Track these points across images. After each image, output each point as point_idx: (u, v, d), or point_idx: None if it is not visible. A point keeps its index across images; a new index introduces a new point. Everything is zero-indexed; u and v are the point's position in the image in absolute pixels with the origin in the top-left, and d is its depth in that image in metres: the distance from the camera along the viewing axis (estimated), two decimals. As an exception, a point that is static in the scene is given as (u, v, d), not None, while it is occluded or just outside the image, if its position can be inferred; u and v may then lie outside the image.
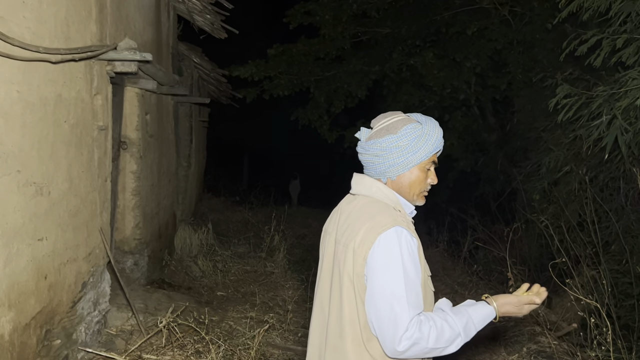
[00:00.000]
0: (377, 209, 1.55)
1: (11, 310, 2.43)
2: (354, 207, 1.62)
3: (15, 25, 2.41)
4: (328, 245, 1.67)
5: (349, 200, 1.69)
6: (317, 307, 1.70)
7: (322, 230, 1.77)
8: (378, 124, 1.66)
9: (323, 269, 1.68)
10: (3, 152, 2.33)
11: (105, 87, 3.81)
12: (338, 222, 1.66)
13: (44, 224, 2.78)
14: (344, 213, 1.65)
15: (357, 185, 1.68)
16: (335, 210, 1.75)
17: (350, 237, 1.54)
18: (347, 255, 1.53)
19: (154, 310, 4.48)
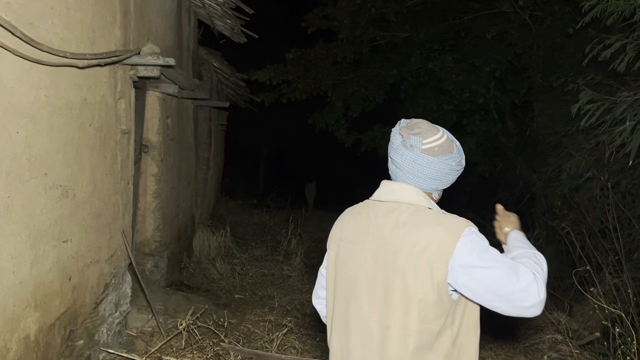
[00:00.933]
0: (436, 215, 1.52)
1: (37, 311, 2.48)
2: (401, 216, 1.53)
3: (44, 31, 2.46)
4: (357, 255, 1.57)
5: (389, 209, 1.56)
6: (353, 324, 1.57)
7: (336, 237, 1.68)
8: (431, 138, 1.56)
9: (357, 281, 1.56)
10: (31, 155, 2.37)
11: (129, 92, 3.87)
12: (373, 231, 1.56)
13: (68, 226, 2.83)
14: (386, 222, 1.54)
15: (396, 193, 1.59)
16: (360, 218, 1.62)
17: (414, 247, 1.47)
18: (417, 266, 1.46)
19: (173, 312, 4.52)
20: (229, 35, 7.06)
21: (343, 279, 1.61)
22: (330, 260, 1.69)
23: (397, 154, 1.58)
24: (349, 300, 1.58)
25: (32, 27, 2.35)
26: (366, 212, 1.62)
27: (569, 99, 6.91)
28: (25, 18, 2.30)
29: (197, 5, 6.36)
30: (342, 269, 1.62)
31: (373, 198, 1.64)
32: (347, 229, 1.65)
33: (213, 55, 7.84)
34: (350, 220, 1.66)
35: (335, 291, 1.64)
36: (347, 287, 1.59)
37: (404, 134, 1.57)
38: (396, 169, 1.60)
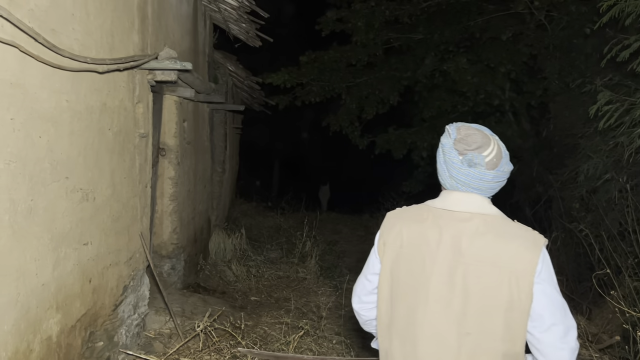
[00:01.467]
0: (513, 225, 1.57)
1: (59, 312, 2.52)
2: (479, 227, 1.54)
3: (65, 37, 2.51)
4: (428, 264, 1.56)
5: (462, 219, 1.56)
6: (423, 332, 1.56)
7: (393, 244, 1.63)
8: (488, 150, 1.57)
9: (428, 289, 1.55)
10: (53, 159, 2.42)
11: (146, 96, 3.91)
12: (447, 240, 1.55)
13: (88, 229, 2.87)
14: (463, 233, 1.54)
15: (466, 204, 1.59)
16: (425, 226, 1.60)
17: (498, 258, 1.50)
18: (502, 276, 1.49)
19: (190, 314, 4.55)
20: (244, 39, 7.11)
21: (406, 287, 1.60)
22: (385, 267, 1.65)
23: (459, 173, 1.57)
24: (416, 309, 1.57)
25: (54, 33, 2.39)
26: (432, 220, 1.60)
27: (586, 100, 6.85)
28: (48, 25, 2.35)
29: (213, 9, 6.42)
30: (405, 277, 1.60)
31: (437, 206, 1.63)
32: (408, 236, 1.62)
33: (228, 59, 7.89)
34: (411, 227, 1.62)
35: (394, 299, 1.63)
36: (412, 295, 1.58)
37: (460, 150, 1.56)
38: (457, 184, 1.60)
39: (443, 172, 1.63)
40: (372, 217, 11.58)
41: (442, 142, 1.63)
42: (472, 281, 1.50)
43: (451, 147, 1.59)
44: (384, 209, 11.25)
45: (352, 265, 7.90)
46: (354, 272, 7.44)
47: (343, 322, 4.93)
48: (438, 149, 1.66)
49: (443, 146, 1.62)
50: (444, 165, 1.62)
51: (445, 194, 1.64)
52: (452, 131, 1.61)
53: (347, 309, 5.46)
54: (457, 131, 1.60)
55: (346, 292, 5.85)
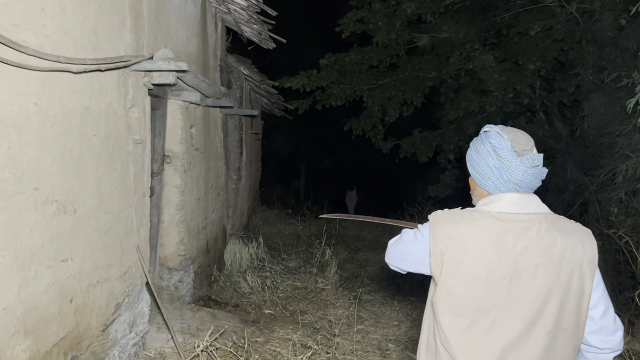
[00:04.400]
0: (565, 220, 1.61)
1: (27, 338, 2.27)
2: (545, 226, 1.54)
3: (32, 34, 2.28)
4: (506, 269, 1.51)
5: (530, 221, 1.54)
6: (503, 333, 1.51)
7: (454, 252, 1.54)
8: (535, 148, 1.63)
9: (525, 300, 1.50)
10: (17, 169, 2.18)
11: (142, 100, 3.68)
12: (523, 244, 1.51)
13: (68, 244, 2.62)
14: (531, 235, 1.52)
15: (528, 205, 1.58)
16: (492, 230, 1.54)
17: (573, 255, 1.52)
18: (582, 273, 1.52)
19: (195, 330, 4.29)
20: (257, 41, 6.88)
21: (480, 294, 1.52)
22: (446, 275, 1.55)
23: (523, 174, 1.56)
24: (496, 316, 1.51)
25: (16, 29, 2.16)
26: (496, 225, 1.54)
27: (623, 95, 6.40)
28: (9, 19, 2.12)
29: (223, 11, 6.20)
30: (476, 285, 1.52)
31: (493, 210, 1.57)
32: (471, 242, 1.53)
33: (242, 62, 7.67)
34: (473, 233, 1.54)
35: (466, 305, 1.53)
36: (491, 300, 1.51)
37: (519, 151, 1.57)
38: (515, 186, 1.58)
39: (494, 175, 1.60)
40: (397, 224, 11.20)
41: (492, 144, 1.60)
42: (548, 280, 1.50)
43: (510, 148, 1.57)
44: (408, 214, 10.85)
45: (375, 274, 7.55)
46: (376, 281, 7.12)
47: (359, 338, 4.59)
48: (481, 151, 1.63)
49: (497, 149, 1.59)
50: (496, 168, 1.59)
51: (500, 197, 1.59)
52: (500, 133, 1.60)
53: (364, 323, 5.13)
54: (505, 133, 1.59)
55: (364, 303, 5.52)
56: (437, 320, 1.57)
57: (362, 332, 4.86)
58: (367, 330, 5.00)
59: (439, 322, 1.56)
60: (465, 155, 1.75)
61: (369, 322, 5.25)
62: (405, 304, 6.06)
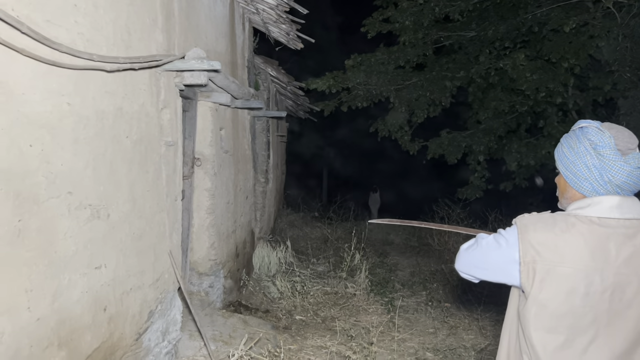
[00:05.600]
0: None
1: (62, 350, 2.16)
2: None
3: (64, 30, 2.17)
4: (607, 281, 1.36)
5: (632, 226, 1.40)
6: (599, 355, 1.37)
7: (547, 261, 1.39)
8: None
9: (629, 317, 1.36)
10: (50, 172, 2.07)
11: (174, 101, 3.58)
12: (623, 254, 1.37)
13: (101, 250, 2.52)
14: (637, 243, 1.38)
15: (632, 209, 1.43)
16: (590, 238, 1.39)
17: None
18: None
19: (228, 337, 4.17)
20: (284, 41, 6.75)
21: (582, 309, 1.37)
22: (537, 286, 1.39)
23: (629, 175, 1.41)
24: (595, 333, 1.36)
25: (49, 24, 2.06)
26: (597, 231, 1.39)
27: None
28: (41, 15, 2.02)
29: (251, 11, 6.09)
30: (573, 298, 1.37)
31: (591, 215, 1.43)
32: (568, 250, 1.38)
33: (270, 64, 7.56)
34: (569, 240, 1.39)
35: (562, 321, 1.38)
36: (590, 315, 1.36)
37: (624, 150, 1.43)
38: (616, 188, 1.43)
39: (593, 176, 1.45)
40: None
41: (591, 141, 1.46)
42: None
43: (613, 146, 1.42)
44: (438, 217, 10.60)
45: (406, 279, 7.35)
46: (407, 286, 6.92)
47: (396, 346, 4.41)
48: (577, 149, 1.48)
49: (597, 146, 1.44)
50: (596, 168, 1.44)
51: (598, 200, 1.44)
52: (601, 129, 1.45)
53: (399, 330, 4.95)
54: (606, 129, 1.45)
55: (397, 309, 5.34)
56: (527, 335, 1.42)
57: (398, 340, 4.67)
58: (403, 338, 4.82)
59: (529, 338, 1.41)
60: (554, 152, 1.59)
61: (404, 330, 5.07)
62: (439, 310, 5.86)
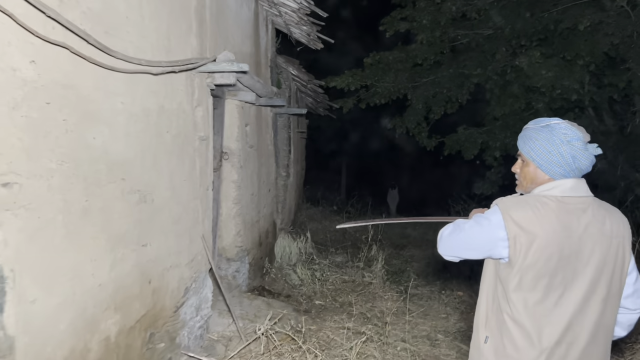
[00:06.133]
0: (605, 202, 1.85)
1: (117, 313, 2.53)
2: (597, 205, 1.78)
3: (119, 40, 2.53)
4: (576, 247, 1.70)
5: (587, 203, 1.77)
6: (581, 314, 1.72)
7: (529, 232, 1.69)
8: None
9: (586, 273, 1.72)
10: (109, 161, 2.44)
11: (206, 99, 3.94)
12: (586, 223, 1.72)
13: (147, 230, 2.88)
14: (597, 216, 1.75)
15: (583, 189, 1.80)
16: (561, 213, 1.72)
17: (619, 231, 1.76)
18: (624, 248, 1.76)
19: (253, 317, 4.53)
20: (305, 42, 7.08)
21: (554, 273, 1.69)
22: (520, 256, 1.70)
23: (588, 161, 1.77)
24: (569, 294, 1.70)
25: (107, 35, 2.42)
26: (562, 207, 1.73)
27: (678, 89, 6.27)
28: (101, 27, 2.38)
29: (274, 14, 6.43)
30: (550, 264, 1.68)
31: (556, 194, 1.75)
32: (544, 224, 1.69)
33: (291, 63, 7.90)
34: (545, 215, 1.70)
35: (540, 281, 1.69)
36: (560, 275, 1.69)
37: (584, 141, 1.76)
38: (578, 172, 1.78)
39: (566, 162, 1.75)
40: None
41: (565, 134, 1.76)
42: (602, 254, 1.71)
43: (581, 138, 1.75)
44: (454, 212, 10.85)
45: (421, 269, 7.64)
46: (422, 276, 7.21)
47: (409, 328, 4.72)
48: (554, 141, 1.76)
49: (571, 139, 1.75)
50: (570, 156, 1.75)
51: (561, 183, 1.77)
52: (571, 125, 1.78)
53: (413, 315, 5.25)
54: (573, 125, 1.79)
55: (412, 297, 5.64)
56: (509, 297, 1.72)
57: (411, 323, 4.98)
58: (416, 321, 5.13)
59: (510, 299, 1.72)
60: (523, 146, 1.86)
61: (417, 315, 5.37)
62: (452, 298, 6.14)
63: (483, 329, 1.84)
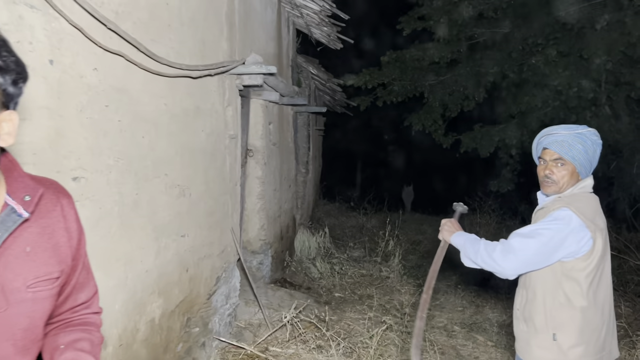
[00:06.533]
0: None
1: (160, 297, 2.76)
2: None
3: (162, 46, 2.75)
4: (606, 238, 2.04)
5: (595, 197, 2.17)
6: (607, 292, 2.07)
7: (599, 228, 2.00)
8: None
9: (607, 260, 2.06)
10: (155, 157, 2.66)
11: (235, 99, 4.15)
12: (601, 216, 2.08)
13: (185, 222, 3.11)
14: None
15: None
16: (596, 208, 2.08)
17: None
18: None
19: (277, 306, 4.75)
20: (325, 42, 7.28)
21: (604, 251, 2.02)
22: (598, 246, 1.99)
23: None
24: (604, 268, 2.04)
25: (153, 42, 2.64)
26: (596, 200, 2.11)
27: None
28: (148, 35, 2.59)
29: (296, 15, 6.63)
30: (606, 250, 2.03)
31: (590, 190, 2.14)
32: (597, 218, 2.04)
33: (311, 62, 8.10)
34: (596, 210, 2.07)
35: (598, 267, 2.00)
36: (603, 260, 2.02)
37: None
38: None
39: (592, 165, 2.11)
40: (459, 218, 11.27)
41: (593, 140, 2.08)
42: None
43: (600, 143, 2.11)
44: (470, 209, 10.97)
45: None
46: (440, 271, 7.37)
47: (428, 319, 4.90)
48: (596, 147, 2.10)
49: (596, 144, 2.09)
50: (595, 159, 2.10)
51: (587, 180, 2.13)
52: (594, 131, 2.11)
53: (430, 307, 5.43)
54: (595, 131, 2.12)
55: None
56: (581, 286, 1.99)
57: (428, 315, 5.16)
58: (433, 314, 5.31)
59: (579, 283, 1.99)
60: (564, 152, 2.09)
61: (434, 308, 5.55)
62: (468, 292, 6.30)
63: (546, 330, 2.05)
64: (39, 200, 1.07)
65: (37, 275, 1.05)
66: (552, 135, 2.10)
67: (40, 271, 1.06)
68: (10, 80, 0.93)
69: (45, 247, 1.08)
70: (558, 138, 2.09)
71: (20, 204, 1.02)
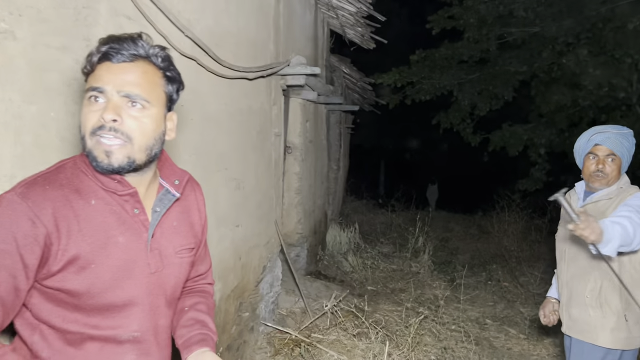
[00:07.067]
0: None
1: (219, 282, 3.00)
2: None
3: (224, 50, 2.98)
4: None
5: None
6: None
7: None
8: None
9: None
10: (217, 153, 2.89)
11: (279, 99, 4.38)
12: None
13: (239, 213, 3.34)
14: None
15: None
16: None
17: None
18: None
19: (315, 296, 4.97)
20: (358, 42, 7.45)
21: None
22: None
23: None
24: None
25: (217, 47, 2.86)
26: None
27: None
28: (213, 40, 2.82)
29: (331, 16, 6.83)
30: None
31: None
32: None
33: (343, 62, 8.29)
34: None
35: None
36: None
37: None
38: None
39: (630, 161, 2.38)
40: (485, 216, 11.36)
41: (633, 139, 2.32)
42: None
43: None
44: (499, 207, 11.03)
45: (467, 261, 7.93)
46: (468, 268, 7.52)
47: (460, 312, 5.07)
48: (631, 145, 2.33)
49: (633, 142, 2.33)
50: (631, 155, 2.36)
51: (625, 175, 2.38)
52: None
53: (461, 302, 5.59)
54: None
55: (459, 286, 5.97)
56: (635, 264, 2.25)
57: (460, 309, 5.32)
58: (465, 307, 5.46)
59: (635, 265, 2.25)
60: (618, 147, 2.31)
61: (465, 302, 5.70)
62: (498, 288, 6.44)
63: (622, 312, 2.26)
64: (185, 185, 1.30)
65: (182, 244, 1.29)
66: (604, 133, 2.32)
67: (184, 242, 1.29)
68: (175, 89, 1.17)
69: (185, 223, 1.31)
70: (610, 136, 2.31)
71: (172, 186, 1.26)
